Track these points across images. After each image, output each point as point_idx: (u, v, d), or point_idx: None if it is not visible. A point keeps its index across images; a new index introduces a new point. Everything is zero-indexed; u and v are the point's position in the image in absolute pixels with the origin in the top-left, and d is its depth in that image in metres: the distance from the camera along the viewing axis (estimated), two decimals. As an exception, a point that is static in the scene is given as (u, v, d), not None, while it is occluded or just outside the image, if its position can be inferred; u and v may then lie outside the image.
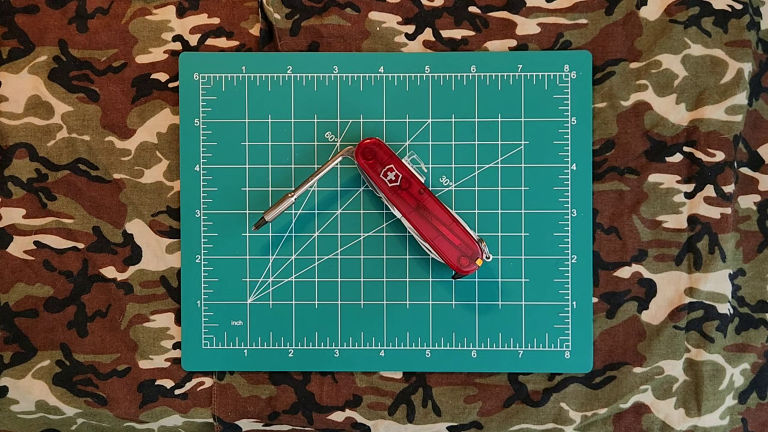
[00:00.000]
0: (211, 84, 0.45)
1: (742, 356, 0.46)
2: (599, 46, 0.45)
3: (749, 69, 0.45)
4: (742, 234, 0.46)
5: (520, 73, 0.45)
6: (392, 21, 0.45)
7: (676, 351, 0.45)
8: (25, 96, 0.45)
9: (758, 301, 0.46)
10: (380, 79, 0.45)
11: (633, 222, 0.45)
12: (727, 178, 0.45)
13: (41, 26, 0.45)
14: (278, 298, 0.45)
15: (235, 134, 0.45)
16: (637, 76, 0.45)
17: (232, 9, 0.45)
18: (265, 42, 0.46)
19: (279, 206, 0.42)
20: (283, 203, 0.42)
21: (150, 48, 0.45)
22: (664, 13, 0.45)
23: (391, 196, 0.42)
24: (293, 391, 0.46)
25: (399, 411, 0.46)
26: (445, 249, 0.42)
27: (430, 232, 0.42)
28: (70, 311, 0.46)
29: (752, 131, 0.46)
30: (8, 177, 0.45)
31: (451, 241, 0.42)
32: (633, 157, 0.45)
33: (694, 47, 0.45)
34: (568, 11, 0.45)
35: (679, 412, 0.45)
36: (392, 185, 0.42)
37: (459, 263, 0.42)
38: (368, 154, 0.42)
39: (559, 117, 0.45)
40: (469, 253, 0.42)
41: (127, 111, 0.45)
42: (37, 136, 0.45)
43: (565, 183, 0.45)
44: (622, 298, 0.45)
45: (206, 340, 0.45)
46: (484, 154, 0.45)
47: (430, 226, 0.42)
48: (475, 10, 0.45)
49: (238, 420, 0.46)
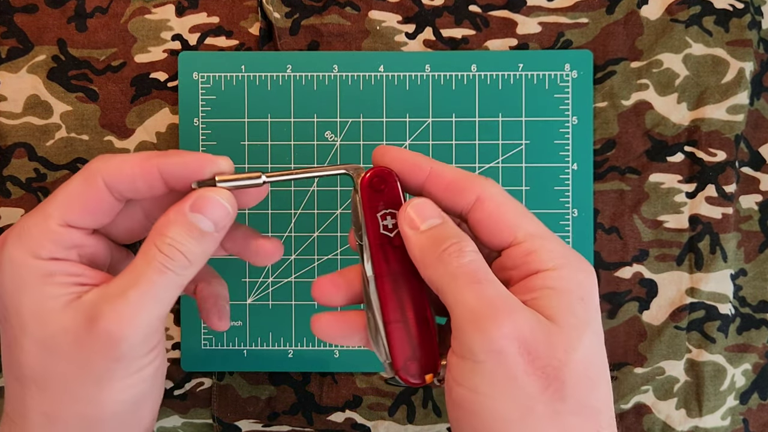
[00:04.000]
0: (210, 83, 0.45)
1: (744, 356, 0.46)
2: (600, 46, 0.45)
3: (750, 68, 0.45)
4: (744, 234, 0.46)
5: (520, 73, 0.45)
6: (392, 20, 0.45)
7: (677, 351, 0.45)
8: (23, 95, 0.45)
9: (759, 301, 0.46)
10: (380, 79, 0.45)
11: (634, 222, 0.45)
12: (728, 177, 0.45)
13: (40, 25, 0.45)
14: (278, 299, 0.45)
15: (235, 134, 0.45)
16: (638, 76, 0.45)
17: (231, 8, 0.45)
18: (264, 41, 0.45)
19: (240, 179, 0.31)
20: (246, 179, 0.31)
21: (149, 47, 0.45)
22: (665, 13, 0.45)
23: (375, 245, 0.31)
24: (293, 392, 0.46)
25: (399, 411, 0.46)
26: (399, 340, 0.30)
27: (393, 312, 0.31)
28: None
29: (754, 131, 0.46)
30: (7, 177, 0.45)
31: (411, 335, 0.31)
32: (634, 156, 0.45)
33: (695, 46, 0.45)
34: (569, 10, 0.45)
35: (680, 412, 0.45)
36: (383, 233, 0.31)
37: (404, 366, 0.30)
38: (378, 184, 0.31)
39: (559, 116, 0.45)
40: (424, 361, 0.30)
41: (126, 110, 0.45)
42: (35, 136, 0.45)
43: (565, 183, 0.45)
44: (623, 298, 0.45)
45: (205, 341, 0.45)
46: (485, 154, 0.45)
47: (397, 304, 0.31)
48: (476, 9, 0.45)
49: (238, 421, 0.46)
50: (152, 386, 0.31)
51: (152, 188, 0.30)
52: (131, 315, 0.28)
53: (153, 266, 0.29)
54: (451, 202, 0.30)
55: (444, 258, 0.28)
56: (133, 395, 0.30)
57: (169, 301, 0.30)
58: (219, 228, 0.30)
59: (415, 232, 0.29)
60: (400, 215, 0.30)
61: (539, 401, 0.26)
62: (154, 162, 0.30)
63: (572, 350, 0.27)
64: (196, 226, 0.29)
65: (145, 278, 0.29)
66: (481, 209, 0.29)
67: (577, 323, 0.27)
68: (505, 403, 0.26)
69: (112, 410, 0.30)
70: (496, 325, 0.26)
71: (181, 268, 0.29)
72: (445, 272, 0.28)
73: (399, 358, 0.30)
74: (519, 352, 0.26)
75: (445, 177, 0.30)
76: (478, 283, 0.27)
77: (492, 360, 0.26)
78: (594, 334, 0.28)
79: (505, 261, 0.30)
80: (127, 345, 0.29)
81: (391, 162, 0.31)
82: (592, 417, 0.27)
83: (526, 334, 0.26)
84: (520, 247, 0.29)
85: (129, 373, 0.30)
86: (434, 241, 0.29)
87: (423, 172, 0.30)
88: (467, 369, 0.27)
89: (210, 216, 0.30)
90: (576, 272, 0.29)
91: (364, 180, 0.31)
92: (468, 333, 0.27)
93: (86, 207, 0.30)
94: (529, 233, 0.29)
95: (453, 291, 0.28)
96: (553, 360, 0.26)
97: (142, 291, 0.29)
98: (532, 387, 0.26)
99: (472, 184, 0.30)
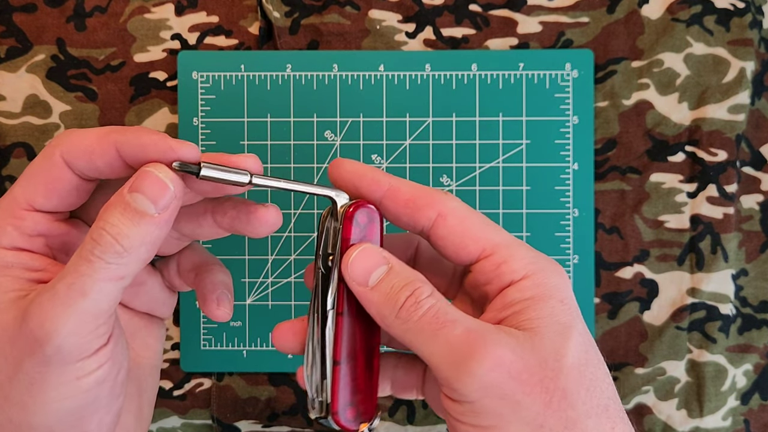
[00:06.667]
0: (209, 83, 0.45)
1: (745, 357, 0.45)
2: (601, 45, 0.45)
3: (752, 68, 0.45)
4: (745, 234, 0.46)
5: (521, 72, 0.45)
6: (392, 19, 0.45)
7: (678, 352, 0.45)
8: (22, 95, 0.45)
9: (761, 301, 0.46)
10: (380, 78, 0.45)
11: (635, 222, 0.45)
12: (729, 177, 0.45)
13: (39, 25, 0.45)
14: (278, 299, 0.45)
15: (234, 133, 0.45)
16: (638, 75, 0.45)
17: (231, 7, 0.45)
18: (264, 40, 0.45)
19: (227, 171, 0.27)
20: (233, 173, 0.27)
21: (148, 47, 0.45)
22: (666, 12, 0.45)
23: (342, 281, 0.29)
24: (292, 393, 0.45)
25: (399, 412, 0.46)
26: (342, 385, 0.29)
27: (344, 352, 0.29)
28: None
29: (755, 130, 0.46)
30: (6, 177, 0.45)
31: (356, 380, 0.29)
32: (635, 156, 0.45)
33: (696, 46, 0.45)
34: (570, 9, 0.45)
35: (681, 413, 0.45)
36: None
37: (342, 410, 0.29)
38: (362, 220, 0.29)
39: (560, 116, 0.45)
40: (362, 408, 0.29)
41: (126, 110, 0.45)
42: (35, 136, 0.45)
43: (566, 182, 0.45)
44: (623, 298, 0.45)
45: (205, 341, 0.45)
46: (485, 154, 0.45)
47: (350, 345, 0.29)
48: (476, 8, 0.45)
49: (237, 421, 0.46)
50: (97, 398, 0.27)
51: (112, 167, 0.27)
52: (55, 312, 0.25)
53: (80, 255, 0.25)
54: (411, 219, 0.29)
55: (402, 315, 0.27)
56: (69, 407, 0.26)
57: (106, 296, 0.25)
58: (161, 208, 0.26)
59: (365, 290, 0.28)
60: (343, 270, 0.28)
61: (548, 416, 0.26)
62: (112, 138, 0.27)
63: (562, 356, 0.26)
64: (131, 206, 0.26)
65: (72, 269, 0.25)
66: (443, 225, 0.29)
67: (562, 328, 0.27)
68: (515, 428, 0.26)
69: (44, 420, 0.26)
70: (477, 361, 0.25)
71: (113, 255, 0.25)
72: (407, 329, 0.27)
73: (339, 401, 0.29)
74: (510, 376, 0.25)
75: (404, 194, 0.29)
76: (443, 328, 0.26)
77: (488, 395, 0.25)
78: (580, 335, 0.27)
79: (477, 276, 0.29)
80: (52, 347, 0.25)
81: (347, 175, 0.29)
82: (603, 415, 0.27)
83: (510, 357, 0.26)
84: (490, 259, 0.28)
85: (64, 381, 0.26)
86: (387, 297, 0.27)
87: (381, 187, 0.29)
88: (466, 410, 0.26)
89: (149, 195, 0.26)
90: (550, 276, 0.28)
91: (348, 212, 0.29)
92: (453, 379, 0.26)
93: (48, 185, 0.28)
94: (496, 243, 0.28)
95: (422, 344, 0.27)
96: (547, 371, 0.26)
97: (67, 284, 0.25)
98: (537, 404, 0.26)
99: (432, 200, 0.29)
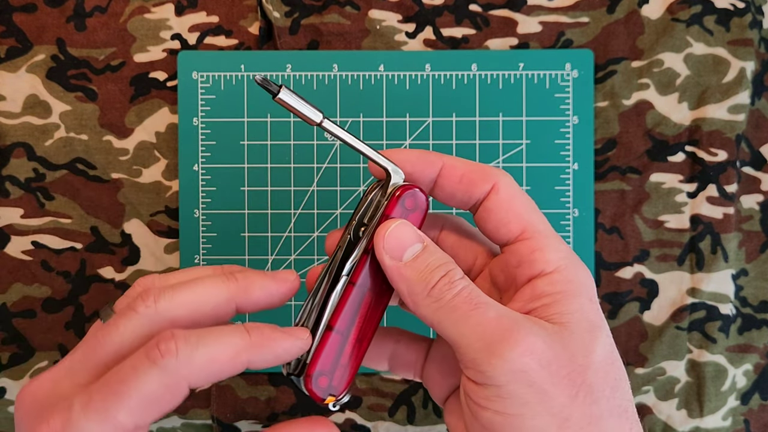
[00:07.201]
0: (209, 83, 0.45)
1: (745, 357, 0.45)
2: (601, 45, 0.45)
3: (752, 68, 0.45)
4: (745, 234, 0.46)
5: (521, 72, 0.45)
6: (392, 19, 0.45)
7: (678, 352, 0.45)
8: (22, 95, 0.45)
9: (761, 301, 0.46)
10: (380, 78, 0.45)
11: (635, 222, 0.45)
12: (729, 177, 0.45)
13: (39, 25, 0.45)
14: (277, 299, 0.45)
15: (234, 133, 0.45)
16: (638, 75, 0.45)
17: (231, 7, 0.45)
18: (264, 40, 0.45)
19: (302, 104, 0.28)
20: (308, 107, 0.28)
21: (148, 47, 0.45)
22: (666, 12, 0.45)
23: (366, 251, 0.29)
24: (292, 393, 0.45)
25: (399, 412, 0.45)
26: (326, 352, 0.29)
27: (340, 322, 0.29)
28: (68, 312, 0.45)
29: (755, 130, 0.46)
30: (6, 177, 0.45)
31: (341, 352, 0.29)
32: (635, 156, 0.45)
33: (696, 46, 0.45)
34: (570, 9, 0.45)
35: (681, 413, 0.45)
36: None
37: (316, 375, 0.29)
38: (409, 204, 0.29)
39: (560, 116, 0.45)
40: (336, 383, 0.29)
41: (126, 110, 0.45)
42: (34, 136, 0.45)
43: (566, 182, 0.45)
44: (623, 298, 0.45)
45: (205, 341, 0.45)
46: (485, 154, 0.45)
47: (349, 317, 0.29)
48: (476, 8, 0.45)
49: (237, 421, 0.46)
50: None
51: None
52: None
53: None
54: (466, 193, 0.29)
55: (435, 294, 0.27)
56: None
57: None
58: None
59: (398, 264, 0.28)
60: (377, 242, 0.28)
61: (573, 409, 0.25)
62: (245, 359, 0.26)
63: (591, 353, 0.26)
64: None
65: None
66: (494, 198, 0.29)
67: (591, 326, 0.27)
68: (540, 419, 0.25)
69: None
70: (509, 346, 0.25)
71: None
72: (439, 308, 0.27)
73: (317, 365, 0.28)
74: (540, 365, 0.25)
75: (458, 169, 0.29)
76: (476, 309, 0.26)
77: (516, 381, 0.25)
78: (608, 336, 0.27)
79: (509, 257, 0.29)
80: None
81: (401, 164, 0.29)
82: (623, 416, 0.27)
83: (541, 347, 0.26)
84: (526, 243, 0.28)
85: None
86: (420, 275, 0.27)
87: (434, 167, 0.29)
88: (491, 394, 0.26)
89: None
90: (581, 274, 0.28)
91: (398, 192, 0.29)
92: (483, 361, 0.26)
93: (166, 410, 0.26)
94: (537, 230, 0.29)
95: (453, 324, 0.26)
96: (576, 365, 0.26)
97: None
98: (563, 396, 0.25)
99: (488, 174, 0.29)
